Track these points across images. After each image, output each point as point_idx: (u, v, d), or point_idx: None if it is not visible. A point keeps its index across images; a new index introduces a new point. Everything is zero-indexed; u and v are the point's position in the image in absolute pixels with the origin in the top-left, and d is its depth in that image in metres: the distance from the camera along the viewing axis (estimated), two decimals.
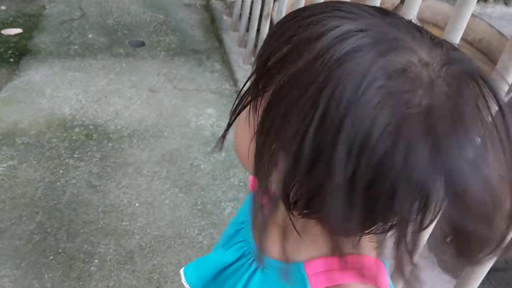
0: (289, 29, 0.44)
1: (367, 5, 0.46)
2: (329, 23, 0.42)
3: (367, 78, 0.38)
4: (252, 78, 0.48)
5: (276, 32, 0.46)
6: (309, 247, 0.50)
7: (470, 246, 0.43)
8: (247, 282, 0.55)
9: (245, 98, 0.50)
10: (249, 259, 0.57)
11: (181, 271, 0.65)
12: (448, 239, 0.44)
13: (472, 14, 1.02)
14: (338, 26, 0.41)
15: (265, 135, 0.44)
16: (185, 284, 0.64)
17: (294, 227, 0.47)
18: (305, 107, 0.40)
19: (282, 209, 0.46)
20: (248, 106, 0.49)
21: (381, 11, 0.44)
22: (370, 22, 0.42)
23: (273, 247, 0.52)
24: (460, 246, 0.44)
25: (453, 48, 0.44)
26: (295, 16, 0.46)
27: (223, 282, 0.59)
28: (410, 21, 0.45)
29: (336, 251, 0.44)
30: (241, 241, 0.59)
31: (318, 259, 0.50)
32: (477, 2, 1.00)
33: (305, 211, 0.45)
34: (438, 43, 0.43)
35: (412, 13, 1.32)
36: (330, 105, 0.39)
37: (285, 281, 0.50)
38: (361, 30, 0.41)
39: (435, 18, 2.81)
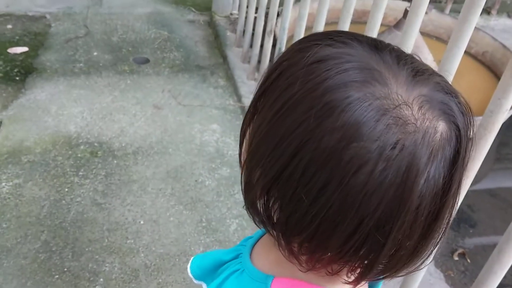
0: (285, 55, 0.48)
1: (364, 36, 0.48)
2: (313, 50, 0.45)
3: (339, 107, 0.41)
4: (255, 95, 0.51)
5: (277, 58, 0.49)
6: (287, 266, 0.52)
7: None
8: (225, 278, 0.59)
9: (247, 117, 0.52)
10: (238, 260, 0.61)
11: (192, 258, 0.73)
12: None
13: (475, 27, 1.03)
14: (318, 53, 0.44)
15: (251, 159, 0.47)
16: (188, 270, 0.72)
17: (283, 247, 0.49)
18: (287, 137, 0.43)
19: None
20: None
21: (374, 44, 0.46)
22: (354, 52, 0.44)
23: (260, 257, 0.58)
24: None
25: (440, 87, 0.45)
26: (297, 43, 0.49)
27: (216, 277, 0.64)
28: (399, 55, 0.46)
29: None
30: (242, 245, 0.63)
31: (288, 279, 0.52)
32: (480, 14, 1.00)
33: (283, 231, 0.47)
34: (420, 81, 0.44)
35: (414, 28, 1.32)
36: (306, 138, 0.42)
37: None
38: (338, 58, 0.43)
39: (438, 32, 2.82)
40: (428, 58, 2.32)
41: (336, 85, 0.41)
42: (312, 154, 0.41)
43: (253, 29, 2.53)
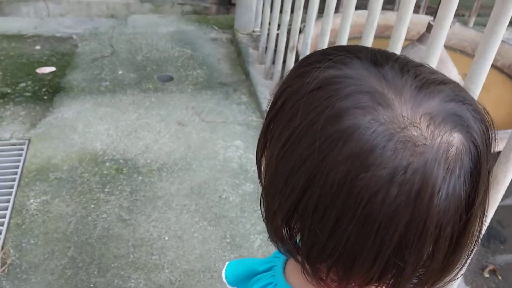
0: (287, 81, 0.48)
1: (363, 50, 0.46)
2: (313, 75, 0.44)
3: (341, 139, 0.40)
4: (263, 124, 0.51)
5: (282, 81, 0.49)
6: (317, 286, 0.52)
7: None
8: None
9: (259, 147, 0.53)
10: (271, 273, 0.61)
11: (227, 263, 0.73)
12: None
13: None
14: (318, 78, 0.43)
15: (267, 191, 0.47)
16: (223, 275, 0.73)
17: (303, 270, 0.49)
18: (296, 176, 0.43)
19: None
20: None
21: (374, 59, 0.45)
22: (354, 73, 0.43)
23: (293, 274, 0.57)
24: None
25: (451, 97, 0.42)
26: (297, 67, 0.48)
27: (250, 286, 0.64)
28: (402, 67, 0.44)
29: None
30: (276, 257, 0.63)
31: None
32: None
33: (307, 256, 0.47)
34: (427, 95, 0.42)
35: (439, 42, 1.31)
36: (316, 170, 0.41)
37: None
38: (337, 82, 0.42)
39: (462, 45, 2.79)
40: (452, 72, 2.30)
41: (336, 115, 0.40)
42: (321, 190, 0.40)
43: (276, 46, 2.55)
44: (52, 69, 2.71)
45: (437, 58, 1.33)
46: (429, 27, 2.21)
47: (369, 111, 0.40)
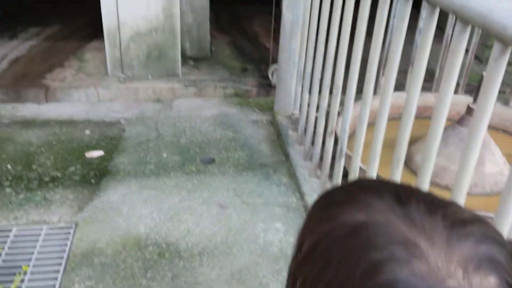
0: (313, 222, 0.48)
1: (385, 187, 0.47)
2: (341, 218, 0.45)
3: None
4: (290, 265, 0.51)
5: (306, 220, 0.49)
6: None
7: None
8: None
9: (289, 284, 0.52)
10: None
11: None
12: None
13: None
14: (346, 224, 0.44)
15: None
16: None
17: None
18: None
19: None
20: None
21: (398, 198, 0.46)
22: (382, 218, 0.44)
23: None
24: None
25: (480, 239, 0.43)
26: (321, 206, 0.50)
27: None
28: (428, 206, 0.45)
29: None
30: None
31: None
32: None
33: None
34: (459, 238, 0.42)
35: (481, 127, 1.32)
36: None
37: None
38: (366, 230, 0.43)
39: (505, 125, 2.76)
40: (496, 153, 2.26)
41: (372, 269, 0.40)
42: None
43: (314, 128, 2.60)
44: (101, 153, 2.84)
45: (480, 142, 1.33)
46: (469, 110, 2.21)
47: (404, 264, 0.40)
